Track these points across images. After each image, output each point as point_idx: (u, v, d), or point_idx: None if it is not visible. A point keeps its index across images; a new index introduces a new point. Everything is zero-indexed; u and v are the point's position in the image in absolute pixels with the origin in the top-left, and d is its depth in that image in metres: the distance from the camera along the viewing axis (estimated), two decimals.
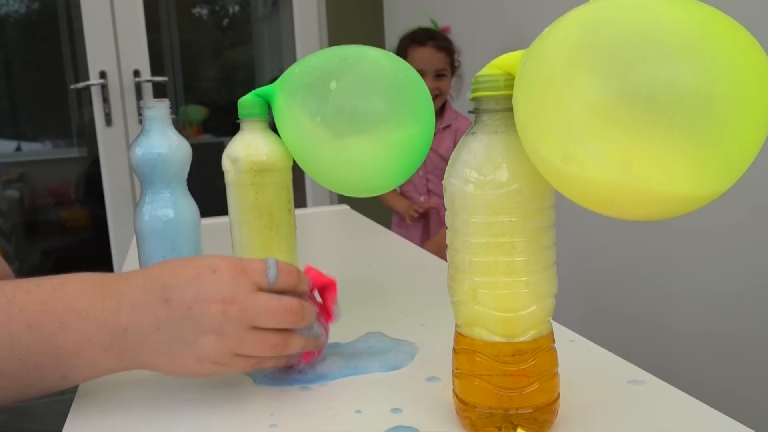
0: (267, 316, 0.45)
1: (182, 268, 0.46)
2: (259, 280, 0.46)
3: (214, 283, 0.45)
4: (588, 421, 0.43)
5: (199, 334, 0.44)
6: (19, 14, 2.94)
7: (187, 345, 0.45)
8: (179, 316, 0.44)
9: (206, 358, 0.45)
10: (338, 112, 0.58)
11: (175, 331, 0.45)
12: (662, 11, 0.32)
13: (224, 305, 0.44)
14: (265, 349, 0.46)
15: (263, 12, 3.17)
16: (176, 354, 0.45)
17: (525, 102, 0.36)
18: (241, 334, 0.45)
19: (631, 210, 0.35)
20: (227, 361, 0.46)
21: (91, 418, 0.47)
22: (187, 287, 0.45)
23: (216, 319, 0.44)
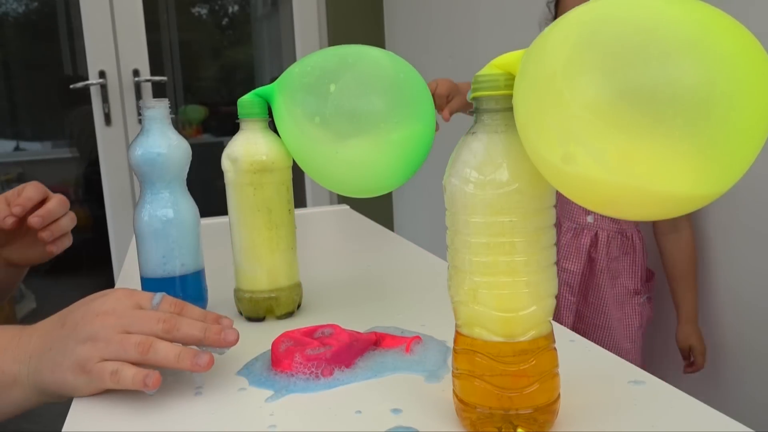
0: (139, 322, 0.49)
1: (85, 299, 0.52)
2: (142, 302, 0.51)
3: (101, 302, 0.50)
4: (588, 421, 0.43)
5: (77, 343, 0.48)
6: (17, 13, 2.94)
7: (66, 356, 0.48)
8: (68, 334, 0.49)
9: (77, 365, 0.48)
10: (338, 112, 0.58)
11: (61, 346, 0.49)
12: (663, 11, 0.32)
13: (104, 316, 0.49)
14: (128, 347, 0.48)
15: (263, 12, 3.17)
16: (57, 367, 0.49)
17: (525, 102, 0.36)
18: (112, 336, 0.48)
19: (631, 210, 0.35)
20: (92, 367, 0.48)
21: (91, 418, 0.47)
22: (80, 309, 0.51)
23: (94, 328, 0.48)
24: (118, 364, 0.47)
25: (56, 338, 0.50)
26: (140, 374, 0.47)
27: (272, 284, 0.65)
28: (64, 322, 0.50)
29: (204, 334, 0.50)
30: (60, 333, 0.50)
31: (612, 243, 1.26)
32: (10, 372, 0.50)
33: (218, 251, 0.96)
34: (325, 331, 0.55)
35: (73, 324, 0.49)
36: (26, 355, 0.50)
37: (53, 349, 0.49)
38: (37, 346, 0.50)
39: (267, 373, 0.52)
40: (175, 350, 0.48)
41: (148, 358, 0.48)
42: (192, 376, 0.53)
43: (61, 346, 0.49)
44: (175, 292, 0.66)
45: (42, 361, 0.49)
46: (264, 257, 0.65)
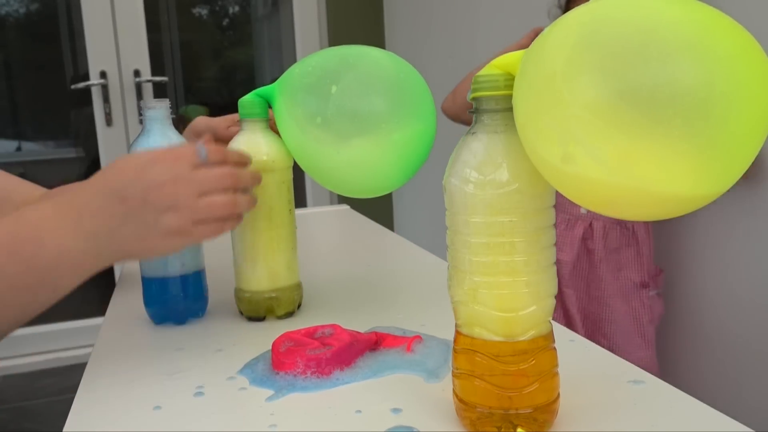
0: (210, 182, 0.54)
1: (123, 171, 0.53)
2: (193, 160, 0.54)
3: (157, 172, 0.52)
4: (588, 421, 0.43)
5: (159, 214, 0.52)
6: (19, 14, 2.94)
7: (151, 227, 0.52)
8: (138, 207, 0.52)
9: (170, 232, 0.53)
10: (339, 112, 0.58)
11: (138, 219, 0.52)
12: (662, 11, 0.32)
13: (174, 184, 0.52)
14: (218, 208, 0.54)
15: (263, 12, 3.17)
16: (145, 239, 0.53)
17: (525, 102, 0.36)
18: (193, 202, 0.53)
19: (630, 210, 0.35)
20: (189, 229, 0.53)
21: (91, 418, 0.47)
22: (136, 183, 0.52)
23: (169, 198, 0.52)
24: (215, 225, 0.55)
25: (126, 213, 0.52)
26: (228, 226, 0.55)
27: (273, 284, 0.65)
28: (121, 197, 0.52)
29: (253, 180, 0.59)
30: (125, 209, 0.52)
31: (610, 233, 1.25)
32: (76, 249, 0.51)
33: (218, 251, 0.96)
34: (326, 332, 0.56)
35: (140, 198, 0.52)
36: (90, 233, 0.52)
37: (129, 223, 0.52)
38: (99, 224, 0.52)
39: (267, 372, 0.52)
40: (247, 198, 0.57)
41: (233, 213, 0.55)
42: (193, 375, 0.53)
43: (139, 220, 0.52)
44: (176, 292, 0.66)
45: (119, 237, 0.52)
46: (264, 257, 0.64)
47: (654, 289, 1.27)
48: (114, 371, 0.55)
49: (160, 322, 0.67)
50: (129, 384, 0.52)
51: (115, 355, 0.60)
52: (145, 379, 0.53)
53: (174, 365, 0.56)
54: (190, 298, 0.67)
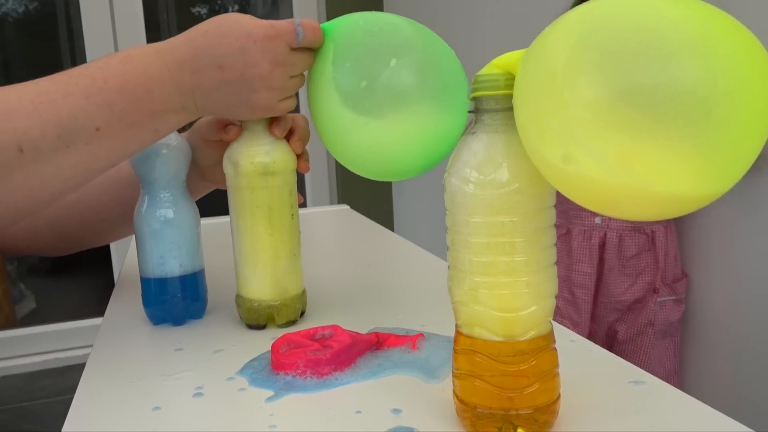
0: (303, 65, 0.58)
1: (225, 38, 0.55)
2: (291, 40, 0.56)
3: (257, 51, 0.55)
4: (588, 421, 0.43)
5: (252, 91, 0.56)
6: (17, 13, 2.94)
7: (243, 101, 0.57)
8: (234, 79, 0.55)
9: (259, 107, 0.58)
10: (389, 86, 0.54)
11: (232, 91, 0.56)
12: (664, 11, 0.32)
13: (270, 66, 0.55)
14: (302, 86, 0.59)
15: (263, 12, 3.17)
16: (234, 107, 0.58)
17: (525, 102, 0.36)
18: (285, 83, 0.57)
19: (631, 210, 0.35)
20: (274, 106, 0.58)
21: (91, 418, 0.47)
22: (236, 57, 0.55)
23: (266, 79, 0.56)
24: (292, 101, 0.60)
25: (221, 81, 0.55)
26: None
27: (274, 293, 0.63)
28: (220, 65, 0.55)
29: None
30: (222, 77, 0.55)
31: (625, 241, 1.25)
32: (176, 101, 0.56)
33: (218, 253, 0.95)
34: (326, 333, 0.55)
35: (238, 73, 0.55)
36: (188, 88, 0.56)
37: (222, 90, 0.56)
38: (196, 81, 0.56)
39: (267, 373, 0.52)
40: None
41: None
42: (192, 376, 0.53)
43: (233, 91, 0.56)
44: (174, 293, 0.66)
45: (211, 97, 0.56)
46: (264, 264, 0.62)
47: (668, 294, 1.26)
48: (113, 372, 0.55)
49: (158, 322, 0.67)
50: (128, 384, 0.52)
51: (115, 355, 0.60)
52: (144, 380, 0.53)
53: (173, 366, 0.56)
54: (188, 299, 0.67)
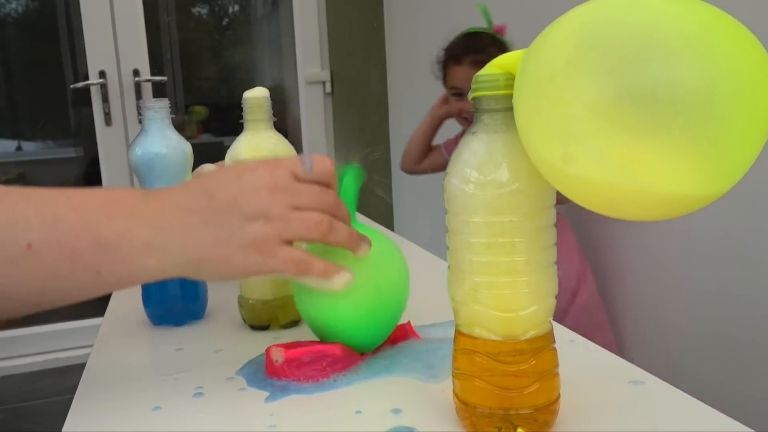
0: (310, 197, 0.47)
1: (221, 173, 0.48)
2: (296, 169, 0.48)
3: (256, 175, 0.47)
4: (588, 421, 0.43)
5: (246, 219, 0.45)
6: (18, 13, 2.94)
7: (233, 233, 0.45)
8: (225, 207, 0.45)
9: (252, 244, 0.45)
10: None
11: (221, 220, 0.45)
12: (663, 10, 0.32)
13: (270, 190, 0.46)
14: (311, 227, 0.46)
15: (263, 12, 3.17)
16: (223, 244, 0.45)
17: (525, 102, 0.36)
18: (287, 214, 0.46)
19: (631, 210, 0.35)
20: (272, 248, 0.45)
21: (91, 418, 0.47)
22: (231, 183, 0.47)
23: (263, 203, 0.45)
24: (305, 254, 0.46)
25: (210, 212, 0.45)
26: (332, 268, 0.46)
27: (277, 292, 0.63)
28: (211, 195, 0.46)
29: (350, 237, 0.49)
30: (212, 206, 0.45)
31: None
32: (142, 237, 0.45)
33: None
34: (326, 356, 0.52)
35: (230, 198, 0.45)
36: (164, 224, 0.45)
37: (210, 223, 0.45)
38: (179, 217, 0.45)
39: (267, 373, 0.52)
40: (348, 230, 0.48)
41: (327, 238, 0.47)
42: (192, 376, 0.53)
43: (222, 221, 0.45)
44: (173, 293, 0.66)
45: (193, 235, 0.45)
46: None
47: None
48: (113, 372, 0.55)
49: (158, 322, 0.67)
50: (128, 384, 0.52)
51: (115, 355, 0.60)
52: (144, 380, 0.53)
53: (173, 366, 0.56)
54: (187, 299, 0.67)
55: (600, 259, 1.54)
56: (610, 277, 1.52)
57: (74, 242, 0.44)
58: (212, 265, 0.46)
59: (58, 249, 0.44)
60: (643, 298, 1.41)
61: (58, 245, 0.44)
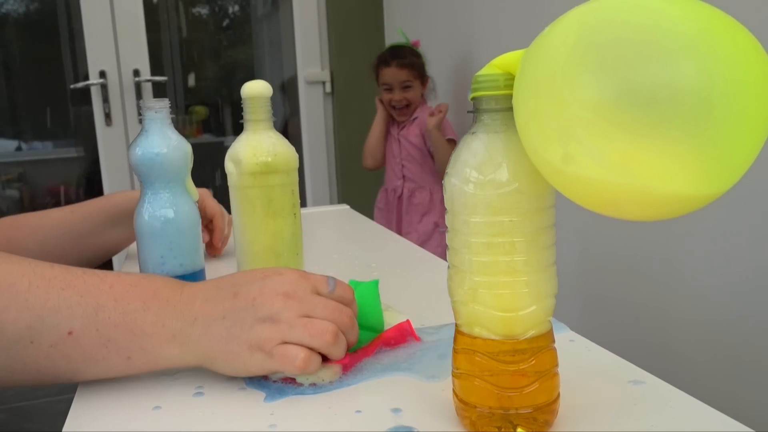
0: (324, 310, 0.49)
1: (252, 272, 0.52)
2: (319, 286, 0.51)
3: (279, 280, 0.50)
4: (588, 421, 0.43)
5: (257, 320, 0.48)
6: (18, 14, 2.94)
7: (244, 330, 0.48)
8: (244, 306, 0.49)
9: (258, 344, 0.48)
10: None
11: (238, 317, 0.49)
12: (663, 11, 0.32)
13: (285, 297, 0.49)
14: (315, 334, 0.48)
15: (263, 12, 3.17)
16: (233, 340, 0.48)
17: (525, 102, 0.36)
18: (295, 320, 0.48)
19: (631, 210, 0.35)
20: (271, 349, 0.48)
21: (91, 418, 0.47)
22: (255, 283, 0.50)
23: (275, 308, 0.48)
24: (305, 351, 0.47)
25: (230, 309, 0.49)
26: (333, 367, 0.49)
27: None
28: (236, 292, 0.49)
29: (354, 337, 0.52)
30: (233, 304, 0.49)
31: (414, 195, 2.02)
32: (171, 327, 0.49)
33: (223, 251, 0.95)
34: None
35: (250, 298, 0.49)
36: (191, 315, 0.49)
37: (228, 318, 0.48)
38: (204, 309, 0.49)
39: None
40: (353, 341, 0.51)
41: (330, 348, 0.48)
42: (192, 376, 0.53)
43: (238, 318, 0.48)
44: None
45: (212, 327, 0.49)
46: (268, 263, 0.62)
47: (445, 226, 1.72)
48: None
49: None
50: (129, 384, 0.52)
51: None
52: (144, 379, 0.53)
53: None
54: None
55: (600, 259, 1.54)
56: (610, 277, 1.52)
57: (112, 331, 0.48)
58: (223, 357, 0.49)
59: (96, 337, 0.48)
60: (643, 298, 1.41)
61: (97, 333, 0.48)
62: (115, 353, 0.48)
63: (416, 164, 2.04)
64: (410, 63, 1.98)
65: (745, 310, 1.19)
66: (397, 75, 2.00)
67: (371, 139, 2.12)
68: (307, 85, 2.64)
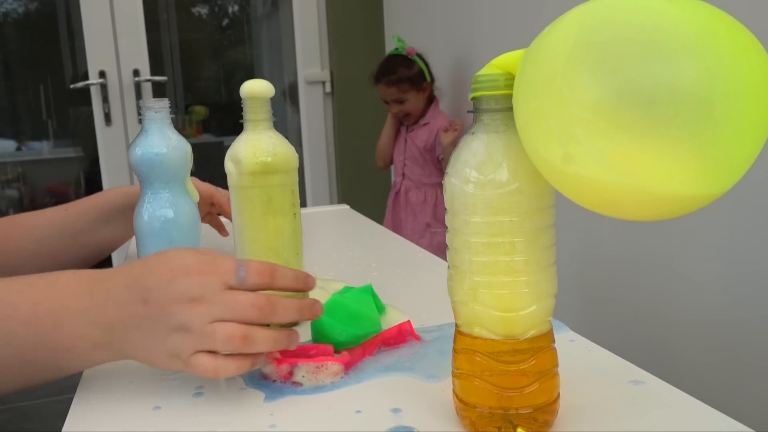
0: (232, 310, 0.47)
1: (159, 269, 0.49)
2: (229, 279, 0.48)
3: (186, 284, 0.48)
4: (588, 421, 0.43)
5: (170, 330, 0.47)
6: (18, 13, 2.94)
7: (159, 341, 0.48)
8: (155, 316, 0.48)
9: (174, 354, 0.48)
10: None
11: (151, 328, 0.48)
12: (663, 11, 0.32)
13: (194, 303, 0.47)
14: (223, 341, 0.46)
15: (263, 12, 3.17)
16: (152, 350, 0.48)
17: (525, 102, 0.36)
18: (204, 328, 0.47)
19: (631, 210, 0.35)
20: (187, 359, 0.47)
21: (91, 418, 0.47)
22: (162, 288, 0.48)
23: (184, 317, 0.47)
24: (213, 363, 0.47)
25: (143, 317, 0.48)
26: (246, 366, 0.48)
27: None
28: (146, 298, 0.48)
29: (300, 314, 0.49)
30: (145, 311, 0.48)
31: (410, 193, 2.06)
32: (90, 336, 0.48)
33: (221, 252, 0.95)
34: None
35: (160, 307, 0.47)
36: (107, 322, 0.48)
37: (142, 327, 0.48)
38: (118, 316, 0.48)
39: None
40: (272, 337, 0.48)
41: (244, 350, 0.47)
42: (192, 376, 0.53)
43: (152, 328, 0.48)
44: None
45: (129, 336, 0.48)
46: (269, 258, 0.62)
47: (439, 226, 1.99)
48: (113, 371, 0.55)
49: None
50: (128, 384, 0.52)
51: None
52: (144, 379, 0.53)
53: None
54: None
55: (600, 259, 1.54)
56: (609, 276, 1.52)
57: (32, 354, 0.49)
58: (148, 363, 0.50)
59: (19, 363, 0.49)
60: (643, 298, 1.41)
61: (17, 359, 0.49)
62: (44, 370, 0.50)
63: (417, 165, 2.06)
64: (398, 79, 2.01)
65: (745, 310, 1.19)
66: (386, 92, 2.05)
67: (381, 143, 2.19)
68: (307, 85, 2.64)
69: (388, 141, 2.18)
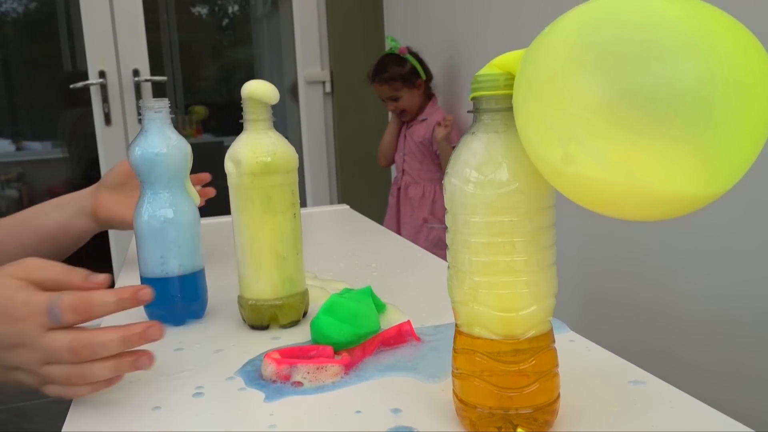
0: (53, 356, 0.48)
1: None
2: (44, 321, 0.48)
3: (5, 332, 0.48)
4: (588, 421, 0.43)
5: (8, 369, 0.49)
6: (18, 13, 2.94)
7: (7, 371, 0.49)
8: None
9: (25, 385, 0.49)
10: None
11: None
12: (663, 11, 0.32)
13: (17, 350, 0.48)
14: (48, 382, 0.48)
15: (263, 11, 3.17)
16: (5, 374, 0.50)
17: (525, 102, 0.36)
18: (39, 370, 0.48)
19: (631, 210, 0.35)
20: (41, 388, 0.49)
21: (91, 418, 0.47)
22: None
23: (19, 361, 0.48)
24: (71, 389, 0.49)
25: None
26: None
27: (276, 292, 0.63)
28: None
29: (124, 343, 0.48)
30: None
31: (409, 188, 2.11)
32: None
33: (219, 252, 0.95)
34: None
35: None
36: None
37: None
38: None
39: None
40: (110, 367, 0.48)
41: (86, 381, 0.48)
42: (192, 376, 0.53)
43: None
44: (173, 293, 0.66)
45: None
46: (268, 264, 0.62)
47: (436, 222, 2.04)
48: None
49: None
50: (128, 384, 0.52)
51: None
52: (144, 380, 0.53)
53: (173, 366, 0.56)
54: (187, 298, 0.66)
55: (600, 259, 1.54)
56: (610, 277, 1.52)
57: None
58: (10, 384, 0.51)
59: None
60: (643, 298, 1.41)
61: None
62: None
63: (416, 161, 2.09)
64: (389, 77, 2.07)
65: (744, 311, 1.19)
66: (380, 90, 2.11)
67: (384, 141, 2.24)
68: (307, 85, 2.64)
69: (391, 140, 2.22)
